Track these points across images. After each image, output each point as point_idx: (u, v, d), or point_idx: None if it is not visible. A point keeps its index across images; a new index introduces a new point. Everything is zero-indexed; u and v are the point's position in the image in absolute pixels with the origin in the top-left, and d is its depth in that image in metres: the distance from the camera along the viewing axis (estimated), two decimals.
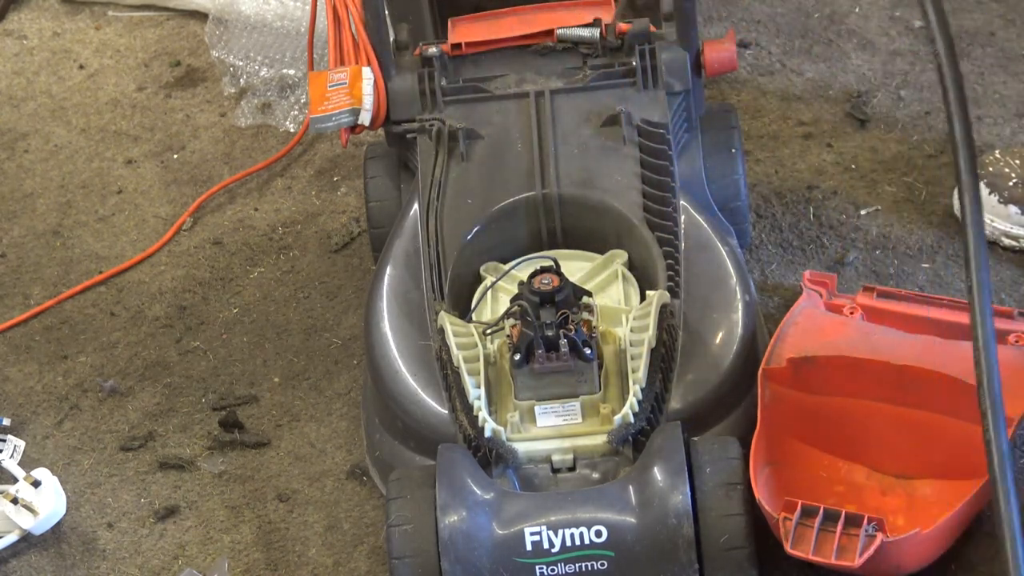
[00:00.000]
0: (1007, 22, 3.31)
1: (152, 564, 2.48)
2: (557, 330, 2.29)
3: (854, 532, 2.15)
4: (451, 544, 2.17)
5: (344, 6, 2.71)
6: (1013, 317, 2.52)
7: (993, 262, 2.77)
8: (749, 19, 3.41)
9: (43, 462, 2.64)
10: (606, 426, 2.29)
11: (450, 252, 2.54)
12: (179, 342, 2.86)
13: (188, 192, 3.19)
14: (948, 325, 2.52)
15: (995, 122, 3.06)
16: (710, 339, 2.41)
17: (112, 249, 3.08)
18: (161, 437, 2.68)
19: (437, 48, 2.72)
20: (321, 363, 2.77)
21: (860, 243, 2.84)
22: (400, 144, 2.75)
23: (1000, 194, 2.78)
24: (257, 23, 3.44)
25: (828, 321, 2.51)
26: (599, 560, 2.17)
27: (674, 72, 2.66)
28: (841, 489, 2.38)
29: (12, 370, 2.85)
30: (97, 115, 3.43)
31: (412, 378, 2.42)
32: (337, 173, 3.18)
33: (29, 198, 3.23)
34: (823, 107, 3.16)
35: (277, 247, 3.03)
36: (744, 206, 2.74)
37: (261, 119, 3.33)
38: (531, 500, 2.22)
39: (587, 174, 2.58)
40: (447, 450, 2.27)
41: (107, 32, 3.66)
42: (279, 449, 2.63)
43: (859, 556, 2.13)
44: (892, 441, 2.36)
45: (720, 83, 3.23)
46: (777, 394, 2.36)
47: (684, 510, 2.15)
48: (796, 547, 2.17)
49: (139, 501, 2.58)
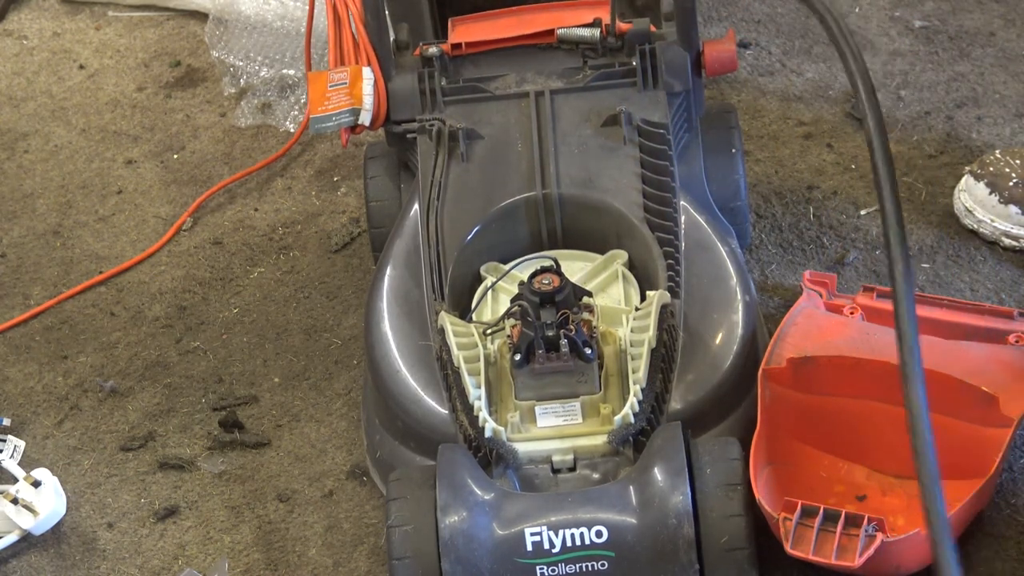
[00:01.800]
0: (1007, 22, 3.31)
1: (152, 564, 2.48)
2: (557, 330, 2.29)
3: (854, 532, 2.15)
4: (451, 545, 2.17)
5: (344, 6, 2.71)
6: (1013, 317, 2.52)
7: (993, 262, 2.77)
8: (749, 19, 3.41)
9: (43, 462, 2.64)
10: (606, 426, 2.29)
11: (450, 252, 2.54)
12: (179, 342, 2.86)
13: (188, 192, 3.19)
14: (947, 325, 2.52)
15: (995, 122, 3.06)
16: (710, 339, 2.41)
17: (112, 249, 3.08)
18: (161, 437, 2.68)
19: (437, 48, 2.71)
20: (321, 363, 2.77)
21: (860, 243, 2.84)
22: (400, 144, 2.75)
23: (1000, 194, 2.78)
24: (257, 23, 3.44)
25: (828, 321, 2.51)
26: (599, 560, 2.17)
27: (674, 72, 2.66)
28: (841, 489, 2.38)
29: (12, 370, 2.85)
30: (97, 115, 3.43)
31: (412, 378, 2.42)
32: (337, 173, 3.18)
33: (29, 198, 3.23)
34: (823, 107, 3.16)
35: (277, 247, 3.03)
36: (744, 206, 2.74)
37: (261, 119, 3.33)
38: (531, 500, 2.22)
39: (587, 174, 2.58)
40: (447, 450, 2.27)
41: (107, 32, 3.66)
42: (279, 449, 2.63)
43: (859, 556, 2.13)
44: (892, 441, 2.36)
45: (720, 83, 3.23)
46: (777, 394, 2.36)
47: (684, 511, 2.15)
48: (796, 547, 2.17)
49: (139, 501, 2.58)
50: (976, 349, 2.42)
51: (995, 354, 2.41)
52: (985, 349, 2.42)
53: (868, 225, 2.88)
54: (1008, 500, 2.38)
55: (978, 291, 2.72)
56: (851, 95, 3.17)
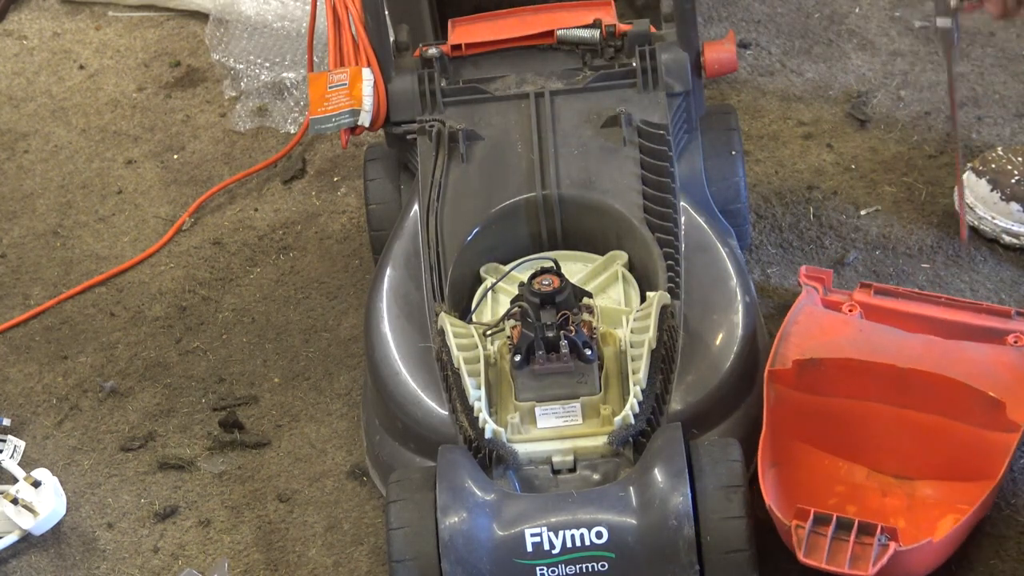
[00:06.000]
0: (1007, 22, 3.31)
1: (152, 564, 2.48)
2: (557, 331, 2.28)
3: (867, 541, 2.15)
4: (451, 546, 2.17)
5: (344, 7, 2.71)
6: (1011, 317, 2.52)
7: (993, 262, 2.78)
8: (749, 19, 3.41)
9: (43, 462, 2.64)
10: (606, 427, 2.29)
11: (450, 253, 2.54)
12: (179, 342, 2.86)
13: (188, 192, 3.19)
14: (945, 323, 2.52)
15: (995, 122, 3.06)
16: (710, 340, 2.41)
17: (112, 249, 3.08)
18: (161, 437, 2.68)
19: (437, 49, 2.72)
20: (321, 363, 2.77)
21: (860, 243, 2.84)
22: (400, 145, 2.75)
23: (1002, 191, 2.78)
24: (258, 24, 3.44)
25: (829, 320, 2.52)
26: (600, 561, 2.17)
27: (674, 73, 2.66)
28: (841, 489, 2.38)
29: (12, 370, 2.85)
30: (97, 115, 3.43)
31: (412, 379, 2.42)
32: (337, 173, 3.18)
33: (29, 198, 3.23)
34: (823, 107, 3.16)
35: (277, 247, 3.03)
36: (744, 207, 2.74)
37: (259, 122, 3.32)
38: (531, 501, 2.22)
39: (587, 175, 2.58)
40: (447, 451, 2.27)
41: (107, 32, 3.66)
42: (279, 449, 2.63)
43: (872, 565, 2.13)
44: (894, 442, 2.36)
45: (720, 83, 3.23)
46: (781, 395, 2.36)
47: (685, 512, 2.15)
48: (809, 556, 2.16)
49: (139, 501, 2.58)
50: (978, 350, 2.42)
51: (997, 356, 2.41)
52: (987, 351, 2.42)
53: (868, 225, 2.88)
54: (1008, 500, 2.38)
55: (978, 291, 2.72)
56: (851, 95, 3.17)
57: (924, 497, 2.34)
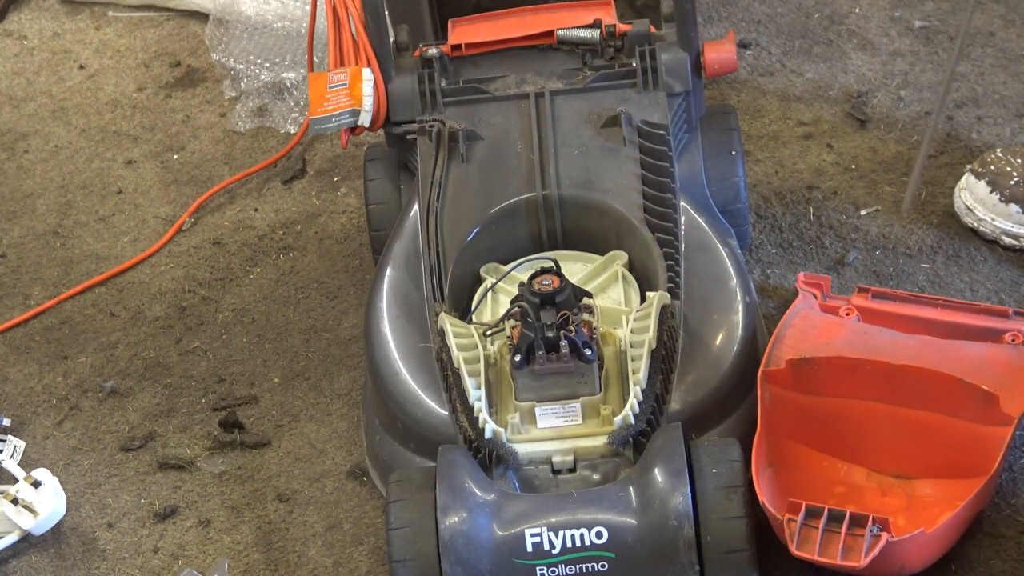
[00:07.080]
0: (1007, 22, 3.31)
1: (152, 564, 2.48)
2: (557, 331, 2.29)
3: (859, 533, 2.15)
4: (452, 546, 2.17)
5: (344, 7, 2.71)
6: (1008, 316, 2.52)
7: (993, 263, 2.78)
8: (749, 19, 3.41)
9: (43, 462, 2.64)
10: (606, 427, 2.29)
11: (450, 253, 2.54)
12: (179, 342, 2.86)
13: (188, 192, 3.19)
14: (942, 324, 2.52)
15: (995, 122, 3.07)
16: (710, 340, 2.41)
17: (112, 249, 3.08)
18: (161, 437, 2.68)
19: (437, 49, 2.72)
20: (321, 363, 2.78)
21: (860, 243, 2.84)
22: (400, 145, 2.75)
23: (1001, 192, 2.78)
24: (258, 24, 3.44)
25: (825, 322, 2.52)
26: (600, 561, 2.17)
27: (674, 73, 2.66)
28: (841, 490, 2.38)
29: (12, 370, 2.85)
30: (97, 115, 3.43)
31: (412, 379, 2.42)
32: (337, 173, 3.18)
33: (29, 198, 3.23)
34: (823, 107, 3.16)
35: (277, 247, 3.03)
36: (744, 207, 2.74)
37: (259, 122, 3.33)
38: (532, 501, 2.22)
39: (587, 175, 2.58)
40: (447, 451, 2.27)
41: (107, 32, 3.66)
42: (279, 449, 2.63)
43: (864, 556, 2.13)
44: (891, 441, 2.36)
45: (720, 83, 3.23)
46: (776, 396, 2.36)
47: (685, 512, 2.15)
48: (801, 548, 2.16)
49: (139, 501, 2.58)
50: (974, 348, 2.43)
51: (993, 353, 2.41)
52: (983, 348, 2.43)
53: (868, 225, 2.88)
54: (1008, 500, 2.38)
55: (978, 291, 2.72)
56: (851, 95, 3.17)
57: (924, 496, 2.34)
